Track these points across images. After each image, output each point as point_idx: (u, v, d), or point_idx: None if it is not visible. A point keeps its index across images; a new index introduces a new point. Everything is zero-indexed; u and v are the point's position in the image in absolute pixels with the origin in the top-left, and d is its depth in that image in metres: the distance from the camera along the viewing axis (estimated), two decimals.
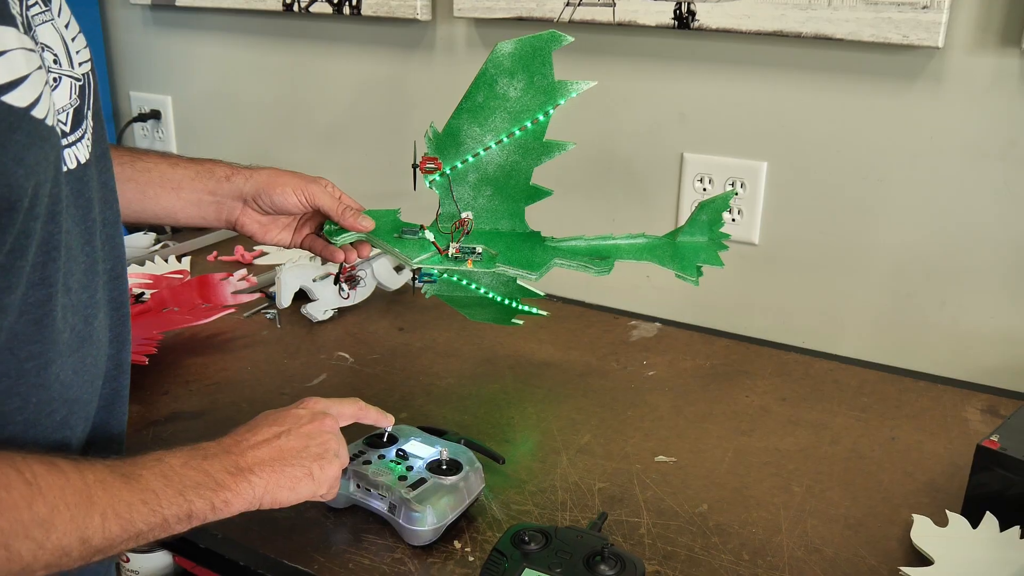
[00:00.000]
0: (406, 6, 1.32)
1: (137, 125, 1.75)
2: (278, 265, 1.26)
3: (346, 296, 1.26)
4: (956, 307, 1.11)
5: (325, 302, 1.24)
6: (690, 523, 0.81)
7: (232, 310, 1.21)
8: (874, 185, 1.12)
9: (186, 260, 1.43)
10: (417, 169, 0.92)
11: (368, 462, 0.81)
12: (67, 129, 0.61)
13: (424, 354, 1.15)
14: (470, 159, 0.93)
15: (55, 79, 0.60)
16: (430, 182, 0.94)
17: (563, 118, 1.07)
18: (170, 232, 1.57)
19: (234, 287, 1.26)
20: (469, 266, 0.91)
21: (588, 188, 1.31)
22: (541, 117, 0.91)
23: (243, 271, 1.31)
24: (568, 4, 1.19)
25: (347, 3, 1.38)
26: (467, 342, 1.18)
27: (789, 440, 0.95)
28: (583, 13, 1.18)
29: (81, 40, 0.65)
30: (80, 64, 0.64)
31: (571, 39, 0.88)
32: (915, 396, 1.05)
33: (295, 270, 1.23)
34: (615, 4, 1.16)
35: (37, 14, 0.59)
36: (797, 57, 1.12)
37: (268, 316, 1.25)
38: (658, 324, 1.25)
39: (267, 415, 0.72)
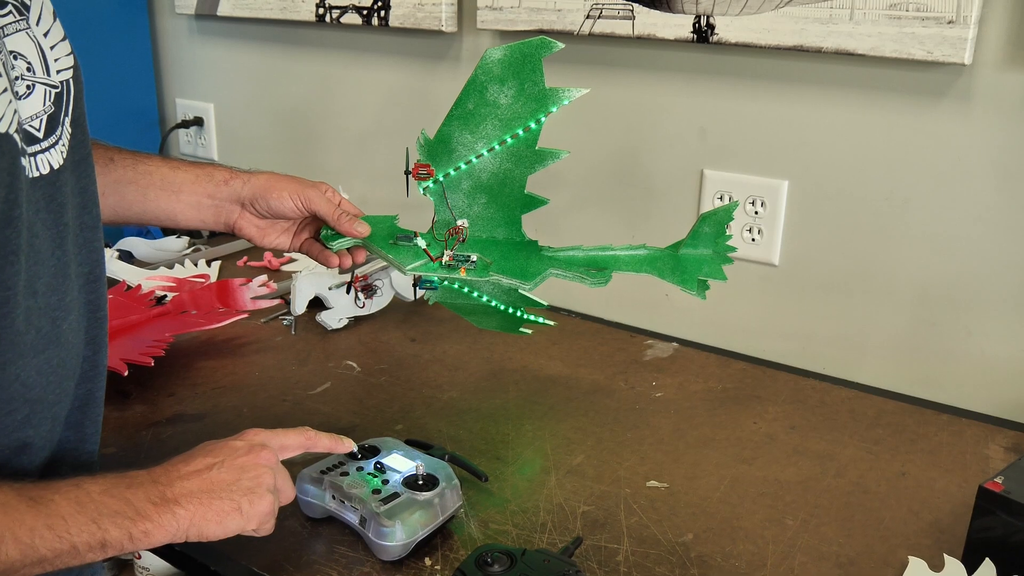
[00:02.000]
0: (432, 18, 1.33)
1: (181, 131, 1.80)
2: (295, 272, 1.27)
3: (361, 305, 1.26)
4: (983, 337, 1.05)
5: (340, 310, 1.25)
6: (671, 552, 0.78)
7: (246, 315, 1.22)
8: (898, 206, 1.07)
9: (215, 264, 1.45)
10: (409, 176, 0.91)
11: (345, 473, 0.80)
12: (40, 136, 0.62)
13: (431, 366, 1.14)
14: (462, 166, 0.91)
15: (28, 87, 0.61)
16: (423, 189, 0.93)
17: (580, 130, 1.05)
18: (205, 236, 1.60)
19: (253, 292, 1.28)
20: (463, 274, 0.90)
21: (607, 202, 1.29)
22: (533, 125, 0.89)
23: (263, 277, 1.32)
24: (588, 17, 1.17)
25: (376, 14, 1.39)
26: (476, 355, 1.17)
27: (791, 471, 0.91)
28: (603, 26, 1.16)
29: (64, 47, 0.66)
30: (59, 72, 0.65)
31: (562, 46, 0.86)
32: (935, 430, 1.00)
33: (311, 277, 1.23)
34: (634, 17, 1.14)
35: (10, 23, 0.60)
36: (818, 73, 1.08)
37: (284, 322, 1.26)
38: (675, 344, 1.21)
39: (204, 445, 0.71)
